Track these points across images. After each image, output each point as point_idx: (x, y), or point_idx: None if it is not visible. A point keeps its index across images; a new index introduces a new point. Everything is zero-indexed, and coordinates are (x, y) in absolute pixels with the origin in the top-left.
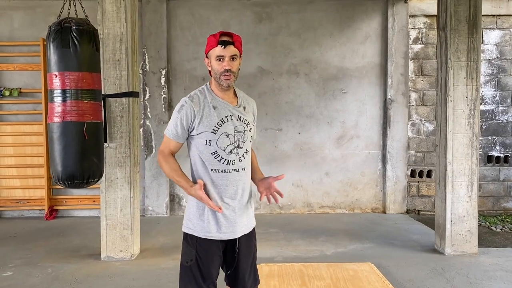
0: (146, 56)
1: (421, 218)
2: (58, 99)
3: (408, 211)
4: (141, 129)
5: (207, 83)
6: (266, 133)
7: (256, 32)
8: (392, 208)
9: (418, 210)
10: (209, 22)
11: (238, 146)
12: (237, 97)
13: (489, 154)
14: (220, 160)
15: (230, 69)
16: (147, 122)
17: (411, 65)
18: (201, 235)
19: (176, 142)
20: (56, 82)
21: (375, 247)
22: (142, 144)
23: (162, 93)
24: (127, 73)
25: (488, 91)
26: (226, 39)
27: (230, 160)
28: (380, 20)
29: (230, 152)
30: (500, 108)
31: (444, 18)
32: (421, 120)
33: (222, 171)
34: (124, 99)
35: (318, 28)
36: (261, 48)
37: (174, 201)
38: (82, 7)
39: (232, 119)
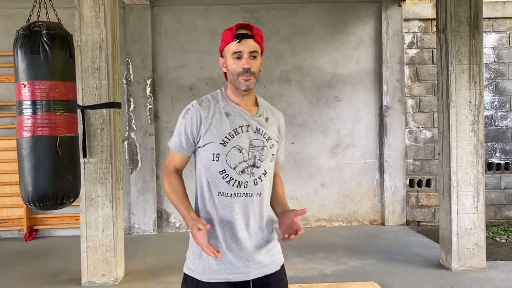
0: (130, 65)
1: (422, 230)
2: (27, 111)
3: (407, 223)
4: (126, 142)
5: (222, 88)
6: None
7: None
8: (391, 220)
9: (418, 221)
10: (196, 29)
11: (254, 165)
12: (258, 105)
13: (490, 161)
14: (229, 181)
15: (249, 68)
16: (132, 135)
17: (406, 70)
18: (203, 278)
19: (182, 155)
20: (25, 93)
21: (377, 263)
22: (127, 158)
23: (148, 104)
24: (108, 83)
25: (486, 96)
26: (244, 32)
27: (242, 182)
28: (374, 24)
29: (242, 171)
30: (499, 113)
31: (444, 20)
32: (418, 127)
33: (230, 195)
34: (104, 111)
35: (309, 33)
36: None
37: (162, 217)
38: (54, 10)
39: (248, 130)
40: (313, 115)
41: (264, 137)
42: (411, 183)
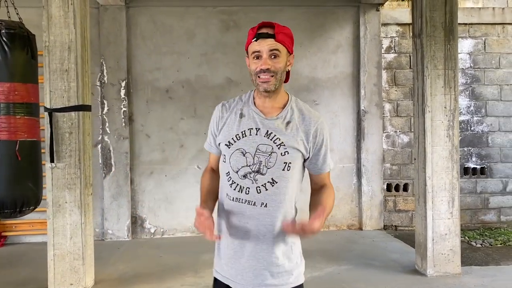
0: (104, 67)
1: (399, 234)
2: None
3: (385, 227)
4: (99, 145)
5: (254, 88)
6: None
7: (224, 41)
8: (368, 224)
9: (396, 226)
10: (173, 31)
11: (258, 171)
12: (285, 107)
13: (466, 166)
14: (232, 184)
15: (268, 69)
16: (106, 138)
17: (384, 75)
18: (218, 276)
19: (213, 154)
20: None
21: (353, 269)
22: (100, 162)
23: (122, 106)
24: (77, 85)
25: (462, 101)
26: (264, 31)
27: (243, 187)
28: (352, 28)
29: (244, 176)
30: (475, 118)
31: (420, 24)
32: (396, 131)
33: (234, 199)
34: (73, 114)
35: None
36: (229, 57)
37: (136, 223)
38: (15, 8)
39: (257, 134)
40: None
41: (275, 143)
42: (388, 188)
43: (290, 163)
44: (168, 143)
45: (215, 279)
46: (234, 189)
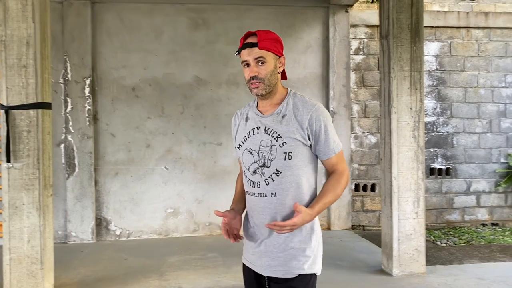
0: (68, 64)
1: (367, 234)
2: None
3: (353, 227)
4: (62, 145)
5: None
6: (204, 147)
7: (192, 40)
8: (337, 224)
9: (363, 226)
10: (140, 28)
11: (264, 165)
12: (281, 104)
13: (432, 166)
14: (248, 181)
15: (256, 76)
16: (69, 137)
17: (353, 76)
18: (244, 261)
19: (239, 159)
20: None
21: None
22: (63, 162)
23: (86, 105)
24: (36, 81)
25: (429, 103)
26: (249, 40)
27: (255, 182)
28: (321, 29)
29: (254, 172)
30: (441, 119)
31: (387, 26)
32: (363, 132)
33: (250, 194)
34: (31, 111)
35: None
36: (198, 56)
37: (101, 225)
38: None
39: (258, 132)
40: None
41: (272, 136)
42: (356, 188)
43: (290, 152)
44: (134, 143)
45: (243, 265)
46: (249, 185)
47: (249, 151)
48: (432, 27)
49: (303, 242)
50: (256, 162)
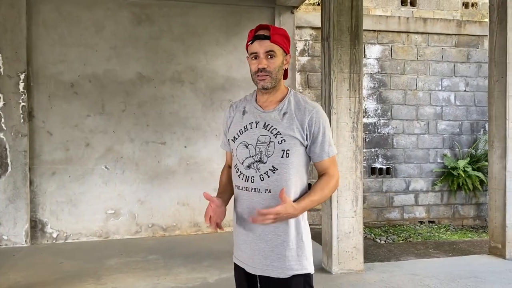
0: (0, 57)
1: (311, 233)
2: None
3: None
4: None
5: None
6: (147, 146)
7: (135, 35)
8: None
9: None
10: (80, 21)
11: (260, 161)
12: (282, 101)
13: (373, 166)
14: (240, 175)
15: (264, 68)
16: (1, 135)
17: (298, 77)
18: (236, 261)
19: (228, 152)
20: None
21: None
22: None
23: (21, 101)
24: None
25: (370, 105)
26: (261, 32)
27: (249, 177)
28: None
29: (249, 166)
30: (382, 121)
31: (328, 28)
32: None
33: (241, 188)
34: None
35: (203, 34)
36: (141, 52)
37: (36, 227)
38: None
39: (256, 127)
40: (207, 118)
41: (272, 133)
42: None
43: (288, 150)
44: (72, 141)
45: (234, 264)
46: (242, 179)
47: (245, 145)
48: (375, 31)
49: (294, 241)
50: (252, 156)
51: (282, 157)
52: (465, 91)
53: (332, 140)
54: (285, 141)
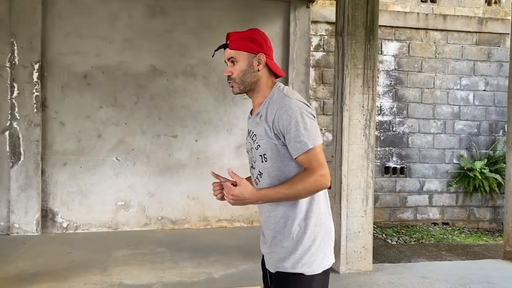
0: (15, 47)
1: None
2: None
3: None
4: (7, 132)
5: None
6: (159, 139)
7: (149, 28)
8: None
9: None
10: (94, 13)
11: (252, 167)
12: (262, 104)
13: (387, 165)
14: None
15: (229, 76)
16: (15, 124)
17: (312, 72)
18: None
19: None
20: None
21: None
22: (7, 150)
23: (34, 91)
24: None
25: (386, 102)
26: (225, 42)
27: (253, 181)
28: (282, 24)
29: (250, 172)
30: (397, 119)
31: (342, 22)
32: (321, 129)
33: None
34: None
35: (216, 28)
36: (154, 45)
37: (47, 217)
38: None
39: (249, 134)
40: (219, 112)
41: (253, 139)
42: None
43: (265, 154)
44: (84, 132)
45: (262, 256)
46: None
47: (247, 151)
48: (392, 27)
49: (289, 240)
50: (250, 163)
51: (262, 162)
52: (484, 90)
53: (309, 133)
54: (260, 146)
